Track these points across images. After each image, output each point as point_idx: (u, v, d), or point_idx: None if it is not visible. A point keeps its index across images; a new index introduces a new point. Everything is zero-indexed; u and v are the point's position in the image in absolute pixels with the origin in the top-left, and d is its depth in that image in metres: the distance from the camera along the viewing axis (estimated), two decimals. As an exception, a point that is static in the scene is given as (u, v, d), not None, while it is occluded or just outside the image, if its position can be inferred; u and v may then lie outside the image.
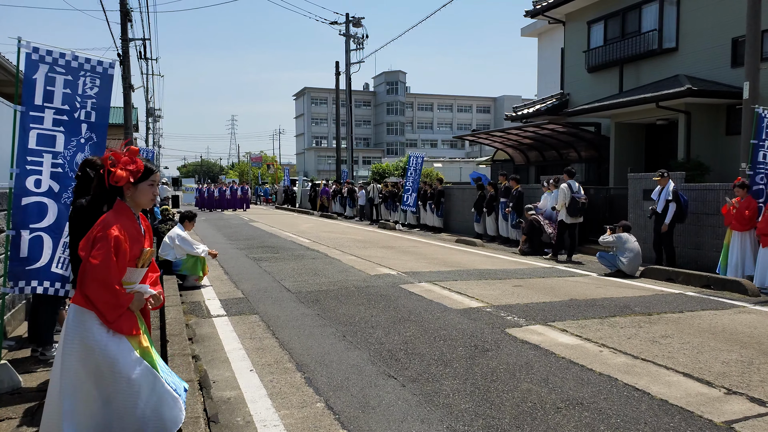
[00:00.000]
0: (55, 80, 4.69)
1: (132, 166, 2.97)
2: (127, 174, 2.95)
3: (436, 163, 44.20)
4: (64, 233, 4.62)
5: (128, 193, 3.06)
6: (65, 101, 4.75)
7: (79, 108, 4.80)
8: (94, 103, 4.87)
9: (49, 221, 4.63)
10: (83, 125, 4.83)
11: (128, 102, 19.17)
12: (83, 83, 4.83)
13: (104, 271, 2.84)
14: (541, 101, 21.42)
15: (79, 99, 4.81)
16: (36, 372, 4.67)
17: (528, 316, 6.46)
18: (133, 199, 3.08)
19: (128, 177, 2.96)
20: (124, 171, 2.94)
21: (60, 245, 4.65)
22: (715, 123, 14.23)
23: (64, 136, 4.74)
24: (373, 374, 4.57)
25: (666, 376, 4.51)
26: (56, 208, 4.65)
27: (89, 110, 4.84)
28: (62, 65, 4.73)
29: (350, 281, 8.69)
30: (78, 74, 4.81)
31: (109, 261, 2.84)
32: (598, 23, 17.79)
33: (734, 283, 8.24)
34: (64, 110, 4.75)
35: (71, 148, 4.77)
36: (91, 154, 4.73)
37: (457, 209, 17.76)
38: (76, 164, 4.68)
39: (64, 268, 4.64)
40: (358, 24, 29.87)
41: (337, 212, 27.39)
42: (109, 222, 2.93)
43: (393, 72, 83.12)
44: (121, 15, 18.42)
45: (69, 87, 4.76)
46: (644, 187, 11.26)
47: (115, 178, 2.94)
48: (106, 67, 4.94)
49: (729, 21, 13.65)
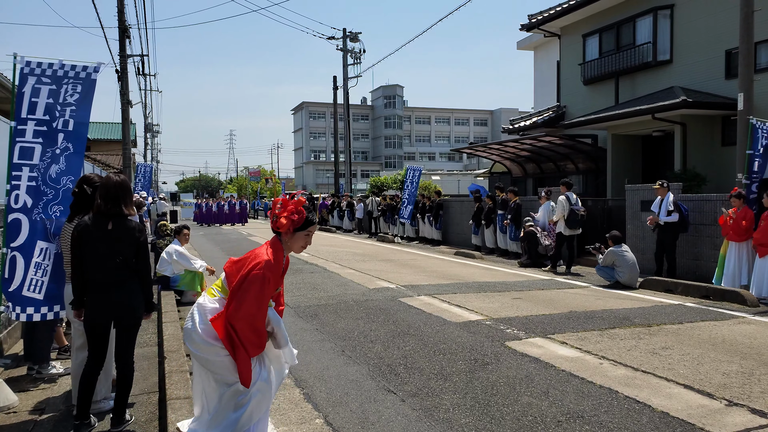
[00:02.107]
0: (40, 91, 4.52)
1: (295, 216, 3.11)
2: (288, 223, 3.10)
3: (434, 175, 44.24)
4: (34, 252, 4.40)
5: (286, 237, 3.18)
6: (46, 111, 4.53)
7: (57, 117, 4.55)
8: (72, 110, 4.60)
9: (21, 240, 4.41)
10: (60, 135, 4.56)
11: (126, 117, 19.20)
12: (65, 90, 4.60)
13: (256, 313, 3.00)
14: (537, 114, 21.55)
15: (59, 108, 4.56)
16: (32, 390, 4.63)
17: (528, 328, 6.44)
18: (287, 244, 3.21)
19: (289, 226, 3.11)
20: (287, 220, 3.09)
21: (31, 266, 4.40)
22: (711, 134, 14.31)
23: (41, 148, 4.50)
24: (373, 389, 4.54)
25: (667, 388, 4.48)
26: (28, 225, 4.42)
27: (67, 118, 4.58)
28: (48, 75, 4.56)
29: (349, 295, 8.66)
30: (62, 82, 4.59)
31: (262, 305, 3.01)
32: (593, 36, 17.94)
33: (733, 293, 8.23)
34: (44, 120, 4.51)
35: (46, 159, 4.52)
36: (67, 166, 4.51)
37: (456, 222, 17.77)
38: (50, 177, 4.46)
39: (38, 291, 4.41)
40: (355, 39, 30.08)
41: (336, 225, 27.38)
42: (268, 263, 3.03)
43: (390, 86, 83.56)
44: (119, 31, 18.51)
45: (52, 96, 4.55)
46: (642, 198, 11.29)
47: (278, 225, 3.10)
48: (90, 72, 4.69)
49: (722, 33, 13.79)
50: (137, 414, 4.07)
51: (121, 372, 3.82)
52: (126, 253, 3.73)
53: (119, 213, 3.75)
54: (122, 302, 3.73)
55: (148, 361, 5.38)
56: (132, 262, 3.77)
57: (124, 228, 3.75)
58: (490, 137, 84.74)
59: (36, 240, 4.43)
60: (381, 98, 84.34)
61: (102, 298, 3.71)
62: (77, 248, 3.71)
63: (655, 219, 9.96)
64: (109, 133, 39.03)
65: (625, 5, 16.63)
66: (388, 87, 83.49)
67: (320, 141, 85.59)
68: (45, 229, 4.51)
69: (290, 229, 3.12)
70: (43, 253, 4.50)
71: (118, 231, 3.73)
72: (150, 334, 6.50)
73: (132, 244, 3.76)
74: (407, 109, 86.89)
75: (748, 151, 9.12)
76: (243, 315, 2.96)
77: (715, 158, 14.09)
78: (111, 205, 3.73)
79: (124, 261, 3.73)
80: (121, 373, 3.82)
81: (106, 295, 3.71)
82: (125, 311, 3.75)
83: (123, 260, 3.72)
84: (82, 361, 4.00)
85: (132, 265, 3.78)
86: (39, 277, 4.46)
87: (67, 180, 4.59)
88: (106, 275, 3.70)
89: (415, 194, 19.09)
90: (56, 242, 4.47)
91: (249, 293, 2.95)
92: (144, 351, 5.75)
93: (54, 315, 4.53)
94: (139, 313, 3.83)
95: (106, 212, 3.73)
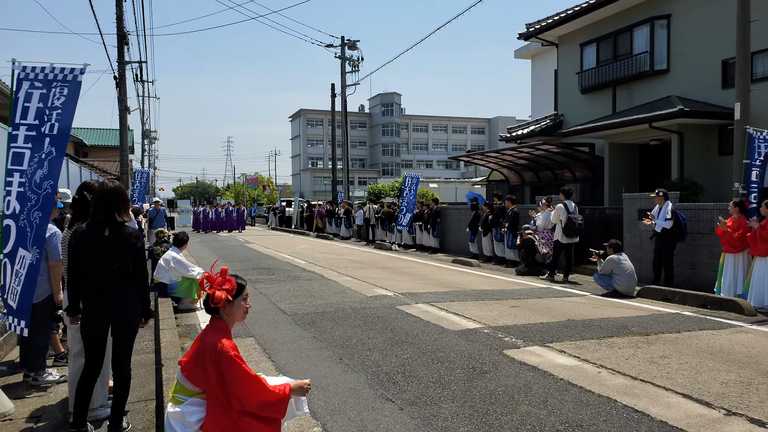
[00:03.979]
0: (32, 95, 4.48)
1: (227, 285, 3.05)
2: (224, 294, 3.03)
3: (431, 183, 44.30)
4: (16, 260, 4.33)
5: (225, 311, 3.10)
6: (37, 116, 4.47)
7: (45, 121, 4.48)
8: (59, 114, 4.51)
9: (9, 247, 4.34)
10: (46, 139, 4.47)
11: (124, 124, 19.21)
12: (53, 94, 4.53)
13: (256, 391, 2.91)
14: (535, 122, 21.62)
15: (47, 112, 4.49)
16: (28, 398, 4.60)
17: (526, 337, 6.43)
18: (230, 316, 3.12)
19: (226, 296, 3.04)
20: (222, 291, 3.02)
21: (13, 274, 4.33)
22: (708, 143, 14.37)
23: (30, 153, 4.42)
24: (371, 397, 4.52)
25: (665, 397, 4.48)
26: (15, 231, 4.34)
27: (53, 122, 4.49)
28: (40, 79, 4.52)
29: (347, 303, 8.64)
30: (51, 86, 4.54)
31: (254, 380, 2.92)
32: (591, 45, 18.04)
33: (730, 302, 8.23)
34: (34, 125, 4.45)
35: (33, 164, 4.43)
36: (49, 171, 4.42)
37: (453, 229, 17.78)
38: (35, 183, 4.38)
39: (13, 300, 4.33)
40: (353, 47, 30.17)
41: (333, 233, 27.36)
42: (228, 343, 2.95)
43: (388, 94, 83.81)
44: (117, 38, 18.55)
45: (42, 101, 4.49)
46: (639, 207, 11.31)
47: (215, 300, 3.01)
48: (76, 74, 4.60)
49: (719, 43, 13.88)
50: (134, 422, 4.04)
51: (118, 379, 3.80)
52: (122, 260, 3.72)
53: (112, 220, 3.73)
54: (119, 309, 3.71)
55: (145, 369, 5.35)
56: (129, 269, 3.76)
57: (121, 235, 3.74)
58: (487, 145, 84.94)
59: (18, 247, 4.33)
60: (379, 106, 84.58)
61: (99, 305, 3.69)
62: (74, 255, 3.70)
63: (652, 219, 9.99)
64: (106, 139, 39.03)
65: (622, 15, 16.74)
66: (385, 95, 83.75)
67: (318, 148, 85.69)
68: (26, 235, 4.38)
69: (228, 298, 3.03)
70: (21, 261, 4.37)
71: (114, 238, 3.71)
72: (147, 341, 6.48)
73: (129, 251, 3.75)
74: (405, 117, 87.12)
75: (745, 161, 9.17)
76: (250, 403, 2.90)
77: (712, 167, 14.15)
78: (104, 212, 3.72)
79: (121, 268, 3.71)
80: (118, 380, 3.80)
81: (103, 302, 3.69)
82: (122, 318, 3.73)
83: (119, 267, 3.71)
84: (79, 368, 3.97)
85: (129, 272, 3.76)
86: (15, 286, 4.35)
87: (47, 185, 4.44)
88: (103, 282, 3.69)
89: (413, 202, 19.10)
90: (33, 252, 4.34)
91: (238, 380, 2.88)
92: (141, 358, 5.72)
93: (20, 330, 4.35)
94: (135, 320, 3.82)
95: (99, 220, 3.72)
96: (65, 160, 11.27)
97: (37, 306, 4.83)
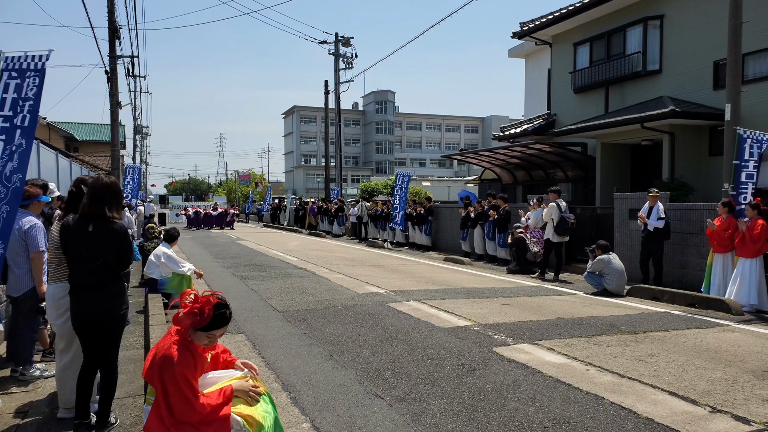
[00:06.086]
0: (9, 86, 4.42)
1: (197, 318, 2.82)
2: (189, 321, 2.83)
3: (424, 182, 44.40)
4: None
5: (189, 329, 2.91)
6: (11, 107, 4.41)
7: (18, 112, 4.42)
8: (30, 105, 4.45)
9: None
10: (17, 131, 4.41)
11: (116, 119, 19.08)
12: (26, 84, 4.47)
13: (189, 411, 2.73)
14: (528, 121, 21.67)
15: (21, 102, 4.43)
16: (15, 393, 4.58)
17: (515, 334, 6.46)
18: (192, 335, 2.90)
19: (187, 324, 2.84)
20: (188, 318, 2.83)
21: None
22: (698, 144, 14.47)
23: (2, 145, 4.36)
24: (360, 394, 4.53)
25: (652, 395, 4.51)
26: None
27: (25, 114, 4.43)
28: (17, 69, 4.47)
29: (338, 300, 8.65)
30: (25, 75, 4.48)
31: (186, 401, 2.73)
32: (584, 45, 18.10)
33: (718, 302, 8.31)
34: (8, 117, 4.39)
35: (5, 157, 4.36)
36: (19, 164, 4.35)
37: (446, 228, 17.81)
38: (5, 176, 4.32)
39: None
40: (347, 44, 30.13)
41: (326, 230, 27.34)
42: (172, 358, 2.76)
43: (382, 91, 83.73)
44: (109, 32, 18.40)
45: (17, 91, 4.44)
46: (630, 206, 11.38)
47: (177, 320, 2.85)
48: (44, 61, 4.51)
49: (711, 44, 13.96)
50: (122, 417, 4.03)
51: (105, 375, 3.78)
52: (107, 256, 3.69)
53: (101, 215, 3.70)
54: (103, 304, 3.68)
55: (134, 364, 5.33)
56: (113, 266, 3.73)
57: (106, 231, 3.70)
58: (480, 144, 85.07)
59: None
60: (372, 103, 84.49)
61: (84, 300, 3.67)
62: (60, 247, 3.69)
63: (645, 219, 10.08)
64: (98, 134, 38.81)
65: (615, 15, 16.81)
66: (379, 92, 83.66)
67: (311, 145, 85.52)
68: None
69: (189, 326, 2.82)
70: None
71: (98, 234, 3.68)
72: (136, 337, 6.46)
73: (113, 248, 3.72)
74: (398, 115, 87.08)
75: (735, 162, 9.24)
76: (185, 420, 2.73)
77: (703, 168, 14.25)
78: (95, 206, 3.70)
79: (105, 264, 3.69)
80: (105, 376, 3.78)
81: (87, 298, 3.67)
82: (106, 314, 3.70)
83: (103, 263, 3.68)
84: (65, 363, 3.96)
85: (114, 268, 3.73)
86: None
87: (17, 178, 4.36)
88: (86, 277, 3.67)
89: (405, 199, 19.12)
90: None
91: (175, 397, 2.73)
92: (130, 354, 5.71)
93: None
94: (120, 316, 3.78)
95: (88, 214, 3.69)
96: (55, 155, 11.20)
97: (20, 300, 4.80)
